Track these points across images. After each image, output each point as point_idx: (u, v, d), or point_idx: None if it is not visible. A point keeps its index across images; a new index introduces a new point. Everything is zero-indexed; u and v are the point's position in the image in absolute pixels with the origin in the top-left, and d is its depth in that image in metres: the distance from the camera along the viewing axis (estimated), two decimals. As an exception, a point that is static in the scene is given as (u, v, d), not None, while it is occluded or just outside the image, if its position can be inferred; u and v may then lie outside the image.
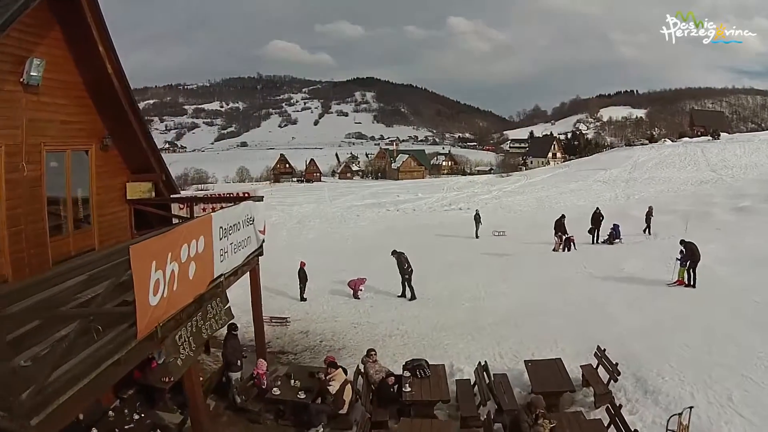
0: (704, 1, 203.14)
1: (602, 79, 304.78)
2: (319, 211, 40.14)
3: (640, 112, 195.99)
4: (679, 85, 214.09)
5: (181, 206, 9.58)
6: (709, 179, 38.22)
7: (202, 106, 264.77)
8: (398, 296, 13.86)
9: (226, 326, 7.76)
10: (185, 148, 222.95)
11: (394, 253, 13.97)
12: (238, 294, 8.90)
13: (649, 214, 21.84)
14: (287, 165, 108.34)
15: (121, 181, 9.21)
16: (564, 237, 18.95)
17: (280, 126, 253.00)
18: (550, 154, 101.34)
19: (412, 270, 13.73)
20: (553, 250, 18.88)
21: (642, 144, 70.36)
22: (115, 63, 8.03)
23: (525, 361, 8.64)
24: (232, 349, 8.30)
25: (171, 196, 9.70)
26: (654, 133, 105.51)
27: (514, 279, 14.81)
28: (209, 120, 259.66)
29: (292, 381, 8.08)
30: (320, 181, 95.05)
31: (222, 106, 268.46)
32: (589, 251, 18.23)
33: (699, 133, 73.54)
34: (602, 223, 20.64)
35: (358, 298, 14.09)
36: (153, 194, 9.46)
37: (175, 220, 8.98)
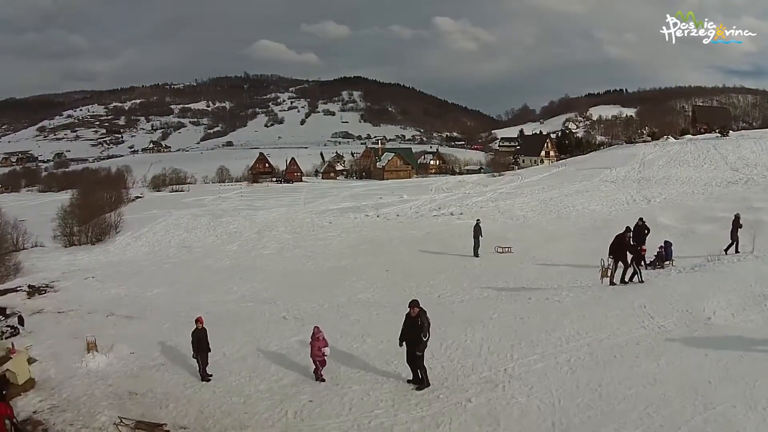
0: (691, 0, 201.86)
1: (591, 79, 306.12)
2: (287, 216, 34.23)
3: (630, 111, 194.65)
4: (669, 84, 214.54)
5: None
6: (737, 179, 33.26)
7: (189, 105, 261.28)
8: (415, 387, 8.05)
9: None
10: (170, 147, 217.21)
11: (414, 305, 8.00)
12: None
13: (736, 225, 15.73)
14: (266, 164, 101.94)
15: None
16: (632, 257, 12.85)
17: (266, 125, 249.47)
18: (543, 153, 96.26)
19: (428, 337, 7.92)
20: (608, 280, 13.03)
21: (644, 141, 65.71)
22: None
23: None
24: None
25: None
26: (644, 131, 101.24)
27: (544, 340, 9.15)
28: (195, 120, 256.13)
29: None
30: (301, 181, 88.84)
31: (208, 106, 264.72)
32: (643, 283, 12.69)
33: (702, 130, 70.06)
34: (647, 238, 15.20)
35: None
36: None
37: None
